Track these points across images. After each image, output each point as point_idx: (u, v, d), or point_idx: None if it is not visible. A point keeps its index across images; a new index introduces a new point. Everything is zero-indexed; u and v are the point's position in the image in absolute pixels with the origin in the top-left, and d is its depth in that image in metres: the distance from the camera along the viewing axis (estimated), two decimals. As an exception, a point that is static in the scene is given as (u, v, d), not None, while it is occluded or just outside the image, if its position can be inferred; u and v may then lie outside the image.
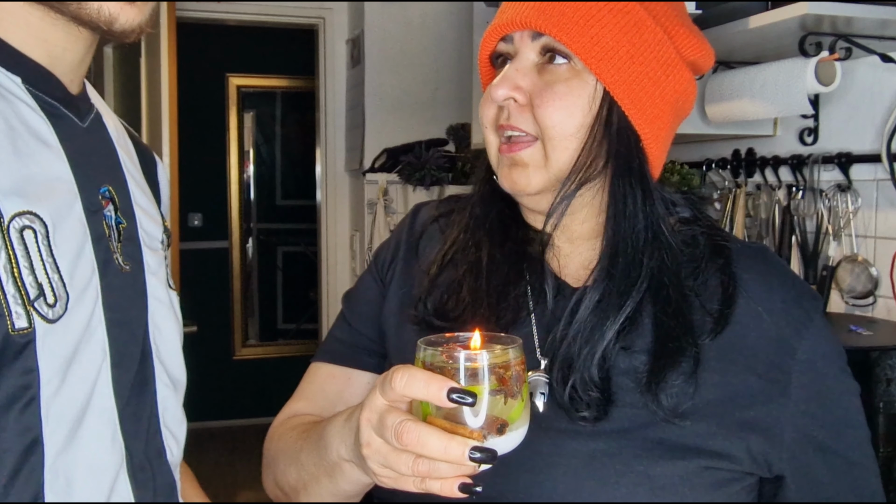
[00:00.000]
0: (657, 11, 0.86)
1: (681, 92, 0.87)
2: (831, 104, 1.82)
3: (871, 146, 1.72)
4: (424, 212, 1.04)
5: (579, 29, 0.82)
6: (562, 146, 0.84)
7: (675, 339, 0.82)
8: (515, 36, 0.86)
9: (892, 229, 1.70)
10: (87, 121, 0.80)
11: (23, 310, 0.66)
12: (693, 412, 0.81)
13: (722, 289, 0.86)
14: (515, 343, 0.68)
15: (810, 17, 1.47)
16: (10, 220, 0.67)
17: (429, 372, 0.65)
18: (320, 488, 0.85)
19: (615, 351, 0.82)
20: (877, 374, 1.37)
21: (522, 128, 0.85)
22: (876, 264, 1.72)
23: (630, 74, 0.84)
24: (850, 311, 1.77)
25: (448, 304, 0.89)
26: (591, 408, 0.80)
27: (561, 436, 0.81)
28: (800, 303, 0.87)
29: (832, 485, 0.85)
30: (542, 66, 0.85)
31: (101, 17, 0.71)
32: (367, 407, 0.69)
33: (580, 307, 0.83)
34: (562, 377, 0.82)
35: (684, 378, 0.81)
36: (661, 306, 0.83)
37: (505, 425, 0.65)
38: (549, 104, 0.83)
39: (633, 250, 0.84)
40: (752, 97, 1.73)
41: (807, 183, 1.85)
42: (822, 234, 1.83)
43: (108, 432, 0.74)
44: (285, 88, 5.78)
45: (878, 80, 1.71)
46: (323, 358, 1.02)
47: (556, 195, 0.85)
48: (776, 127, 1.99)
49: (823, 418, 0.85)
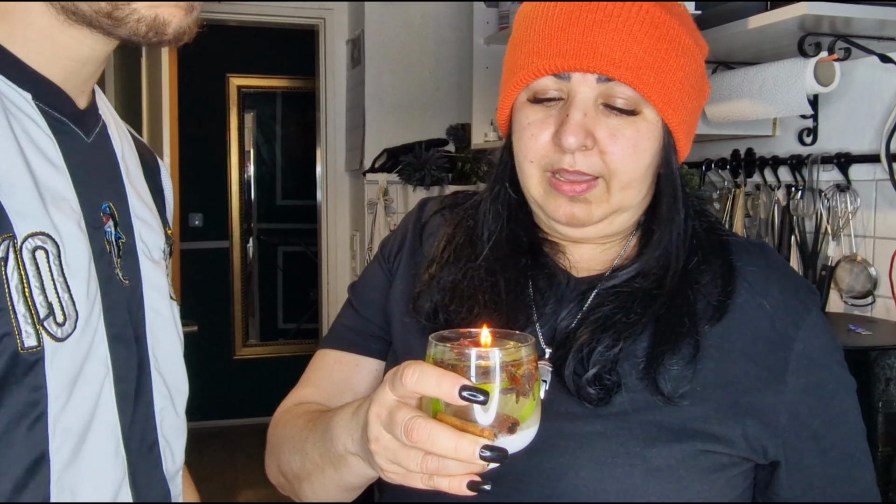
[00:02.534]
0: (691, 25, 0.88)
1: (705, 99, 0.93)
2: (830, 104, 1.82)
3: (870, 146, 1.73)
4: (430, 205, 1.05)
5: (655, 76, 0.83)
6: (630, 187, 0.86)
7: (675, 326, 0.84)
8: (575, 75, 0.84)
9: (890, 229, 1.70)
10: (93, 135, 0.81)
11: (32, 329, 0.67)
12: (691, 395, 0.83)
13: (722, 278, 0.88)
14: (528, 341, 0.68)
15: (809, 18, 1.48)
16: (24, 240, 0.68)
17: (440, 369, 0.65)
18: (324, 478, 0.85)
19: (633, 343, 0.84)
20: (876, 373, 1.38)
21: (587, 171, 0.84)
22: (875, 264, 1.72)
23: (686, 110, 0.87)
24: (849, 310, 1.77)
25: (452, 306, 0.90)
26: (600, 391, 0.82)
27: (559, 418, 0.82)
28: (798, 296, 0.89)
29: (825, 474, 0.86)
30: (605, 108, 0.84)
31: (156, 24, 0.70)
32: (377, 402, 0.69)
33: (607, 304, 0.86)
34: (575, 365, 0.83)
35: (683, 363, 0.83)
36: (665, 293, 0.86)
37: (516, 424, 0.65)
38: (622, 150, 0.84)
39: (674, 261, 0.88)
40: (751, 97, 1.73)
41: (806, 183, 1.85)
42: (821, 234, 1.83)
43: (111, 446, 0.75)
44: (285, 88, 5.79)
45: (877, 81, 1.71)
46: (330, 344, 1.03)
47: (611, 232, 0.90)
48: (775, 127, 2.00)
49: (819, 409, 0.86)
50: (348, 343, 1.01)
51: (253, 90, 5.73)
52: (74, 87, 0.77)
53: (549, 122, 0.85)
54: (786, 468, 0.86)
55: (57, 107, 0.75)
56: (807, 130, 1.87)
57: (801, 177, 1.87)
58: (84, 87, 0.79)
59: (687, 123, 0.88)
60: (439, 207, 1.03)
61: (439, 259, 0.95)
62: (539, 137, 0.86)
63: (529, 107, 0.88)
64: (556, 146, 0.84)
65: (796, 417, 0.85)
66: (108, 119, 0.86)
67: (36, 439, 0.68)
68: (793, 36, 1.59)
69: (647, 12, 0.83)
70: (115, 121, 0.88)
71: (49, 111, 0.74)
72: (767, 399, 0.84)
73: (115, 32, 0.71)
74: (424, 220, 1.03)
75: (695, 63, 0.87)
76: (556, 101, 0.86)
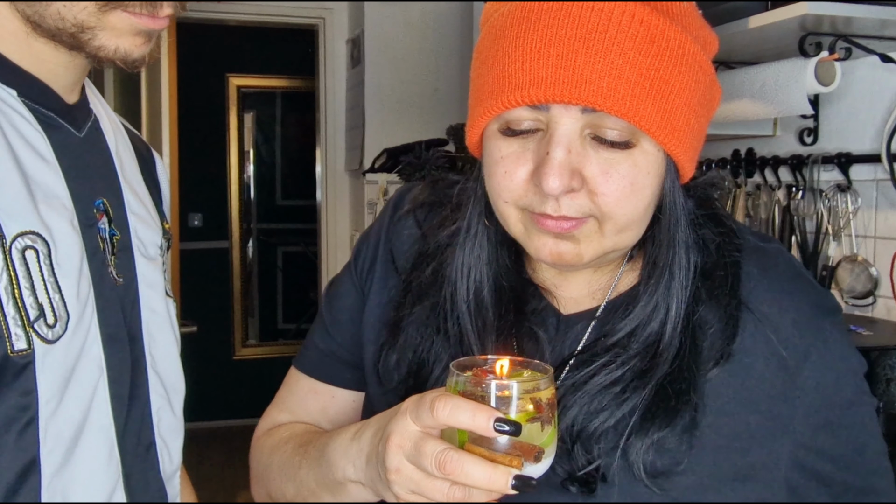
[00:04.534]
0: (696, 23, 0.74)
1: (714, 109, 0.78)
2: (831, 104, 1.82)
3: (871, 146, 1.72)
4: (404, 202, 0.94)
5: (653, 102, 0.68)
6: (628, 230, 0.74)
7: (676, 401, 0.75)
8: (556, 106, 0.69)
9: (891, 229, 1.69)
10: (84, 129, 0.80)
11: (22, 331, 0.66)
12: (686, 472, 0.76)
13: (728, 317, 0.78)
14: (548, 371, 0.68)
15: (810, 18, 1.47)
16: (13, 240, 0.67)
17: (473, 402, 0.65)
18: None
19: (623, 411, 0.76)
20: (877, 374, 1.37)
21: (574, 215, 0.71)
22: (876, 264, 1.72)
23: (692, 133, 0.73)
24: (850, 311, 1.76)
25: (423, 370, 0.84)
26: (581, 490, 0.76)
27: (553, 493, 0.77)
28: (813, 321, 0.79)
29: None
30: (594, 141, 0.70)
31: (117, 56, 0.72)
32: (398, 433, 0.68)
33: (599, 369, 0.77)
34: (561, 449, 0.74)
35: (678, 435, 0.75)
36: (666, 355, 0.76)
37: (541, 452, 0.65)
38: (617, 190, 0.70)
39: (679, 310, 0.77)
40: (751, 97, 1.72)
41: (806, 183, 1.85)
42: (821, 234, 1.82)
43: (105, 449, 0.74)
44: (285, 88, 5.78)
45: (878, 81, 1.71)
46: (304, 367, 0.99)
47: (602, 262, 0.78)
48: (776, 127, 1.99)
49: (831, 451, 0.79)
50: (322, 373, 0.98)
51: (252, 90, 5.73)
52: (62, 86, 0.76)
53: (526, 156, 0.72)
54: None
55: (44, 103, 0.74)
56: (807, 130, 1.87)
57: (801, 177, 1.87)
58: (72, 86, 0.77)
59: (693, 147, 0.74)
60: (412, 206, 0.92)
61: (408, 302, 0.86)
62: (514, 175, 0.72)
63: (502, 139, 0.73)
64: (536, 187, 0.71)
65: (802, 464, 0.79)
66: (99, 112, 0.84)
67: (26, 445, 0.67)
68: (793, 36, 1.58)
69: (641, 22, 0.68)
70: (107, 114, 0.87)
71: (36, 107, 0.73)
72: (772, 454, 0.77)
73: (77, 51, 0.71)
74: (399, 229, 0.92)
75: (702, 74, 0.72)
76: (533, 133, 0.72)
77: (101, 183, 0.80)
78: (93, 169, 0.79)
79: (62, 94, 0.76)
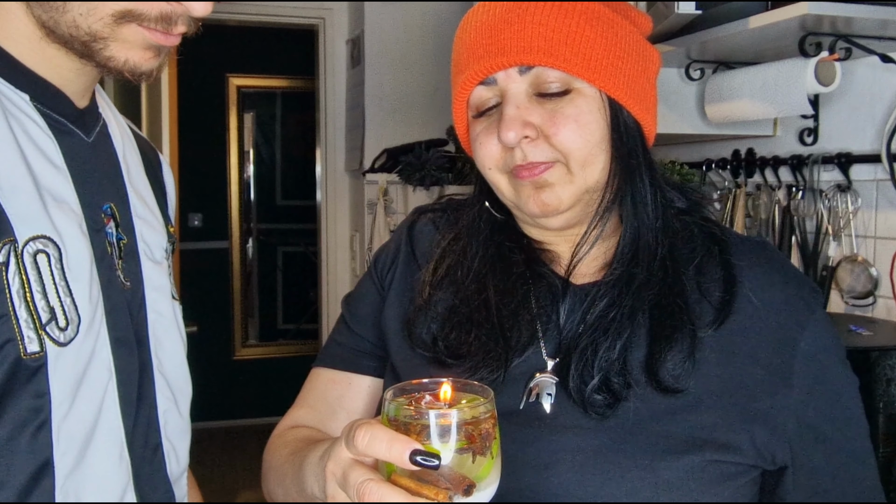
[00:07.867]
0: (617, 5, 0.88)
1: (653, 67, 0.91)
2: (831, 104, 1.82)
3: (871, 146, 1.72)
4: (424, 216, 1.04)
5: (571, 51, 0.82)
6: (589, 163, 0.85)
7: (671, 321, 0.84)
8: (499, 76, 0.85)
9: (891, 229, 1.69)
10: (93, 134, 0.80)
11: (35, 334, 0.67)
12: (697, 404, 0.82)
13: (723, 280, 0.87)
14: (488, 396, 0.65)
15: (810, 18, 1.47)
16: (25, 244, 0.67)
17: (392, 431, 0.63)
18: None
19: (631, 341, 0.84)
20: (877, 374, 1.37)
21: (541, 159, 0.84)
22: (876, 264, 1.72)
23: (625, 76, 0.85)
24: (850, 311, 1.77)
25: (452, 334, 0.89)
26: (608, 398, 0.81)
27: (566, 432, 0.82)
28: (801, 295, 0.88)
29: (832, 475, 0.86)
30: (538, 96, 0.85)
31: (125, 67, 0.72)
32: (332, 459, 0.68)
33: (599, 302, 0.85)
34: (579, 373, 0.83)
35: (682, 356, 0.83)
36: (659, 291, 0.85)
37: (472, 486, 0.62)
38: (567, 129, 0.83)
39: (652, 241, 0.87)
40: (751, 97, 1.73)
41: (807, 183, 1.85)
42: (821, 234, 1.82)
43: (115, 451, 0.75)
44: (285, 88, 5.78)
45: (878, 81, 1.71)
46: (324, 363, 1.03)
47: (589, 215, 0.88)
48: (776, 127, 1.99)
49: (825, 410, 0.86)
50: (340, 361, 1.01)
51: (252, 90, 5.73)
52: (74, 91, 0.76)
53: (493, 127, 0.86)
54: (793, 471, 0.85)
55: (56, 107, 0.75)
56: (807, 130, 1.87)
57: (801, 177, 1.87)
58: (84, 91, 0.78)
59: (635, 92, 0.86)
60: (432, 215, 1.03)
61: (432, 281, 0.94)
62: (488, 144, 0.87)
63: (476, 122, 0.89)
64: (505, 146, 0.85)
65: (803, 420, 0.84)
66: (108, 117, 0.85)
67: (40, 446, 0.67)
68: (793, 36, 1.58)
69: (556, 3, 0.84)
70: (115, 118, 0.87)
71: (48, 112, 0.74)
72: (774, 403, 0.83)
73: (87, 59, 0.72)
74: (418, 231, 1.02)
75: (622, 31, 0.86)
76: (496, 108, 0.87)
77: (109, 187, 0.81)
78: (100, 173, 0.80)
79: (74, 98, 0.77)
